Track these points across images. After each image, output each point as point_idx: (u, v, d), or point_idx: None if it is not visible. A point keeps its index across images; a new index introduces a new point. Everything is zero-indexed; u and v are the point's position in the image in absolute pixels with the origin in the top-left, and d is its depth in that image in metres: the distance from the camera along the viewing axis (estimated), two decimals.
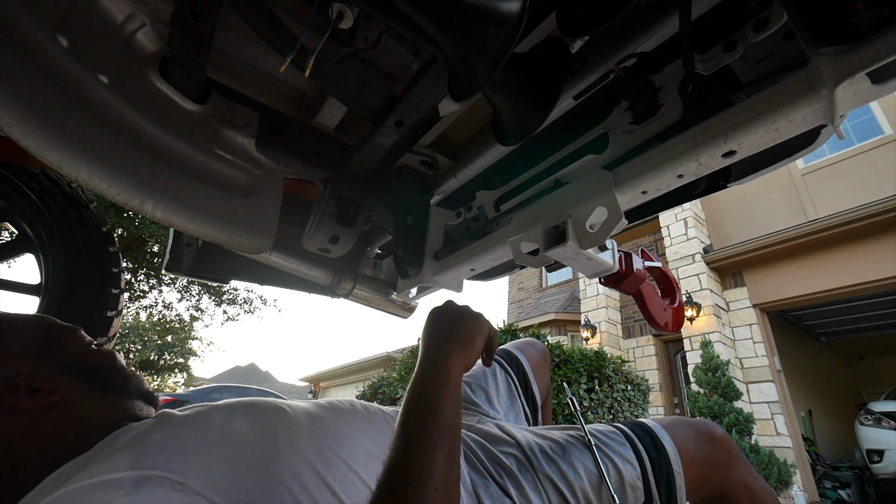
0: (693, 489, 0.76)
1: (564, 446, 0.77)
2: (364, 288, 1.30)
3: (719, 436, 0.80)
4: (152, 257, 8.15)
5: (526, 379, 1.08)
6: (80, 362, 0.59)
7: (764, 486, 0.79)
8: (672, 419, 0.85)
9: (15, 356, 0.55)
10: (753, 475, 0.79)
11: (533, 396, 1.07)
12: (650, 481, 0.73)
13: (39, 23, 0.66)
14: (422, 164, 1.08)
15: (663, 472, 0.74)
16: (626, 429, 0.81)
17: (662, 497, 0.73)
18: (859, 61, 0.45)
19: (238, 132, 0.91)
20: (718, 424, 3.93)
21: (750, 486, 0.77)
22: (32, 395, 0.52)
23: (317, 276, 1.22)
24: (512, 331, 4.17)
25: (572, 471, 0.72)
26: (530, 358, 1.12)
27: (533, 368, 1.10)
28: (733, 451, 0.79)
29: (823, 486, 5.70)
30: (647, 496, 0.72)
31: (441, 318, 0.64)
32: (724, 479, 0.77)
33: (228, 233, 0.87)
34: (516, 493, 0.69)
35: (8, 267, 4.32)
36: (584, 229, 0.73)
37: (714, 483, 0.77)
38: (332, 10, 0.58)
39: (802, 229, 5.76)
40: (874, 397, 7.44)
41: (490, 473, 0.73)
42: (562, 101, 0.80)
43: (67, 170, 0.67)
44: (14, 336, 0.57)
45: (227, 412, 0.57)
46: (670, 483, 0.73)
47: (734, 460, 0.78)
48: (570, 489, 0.70)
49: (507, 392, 1.03)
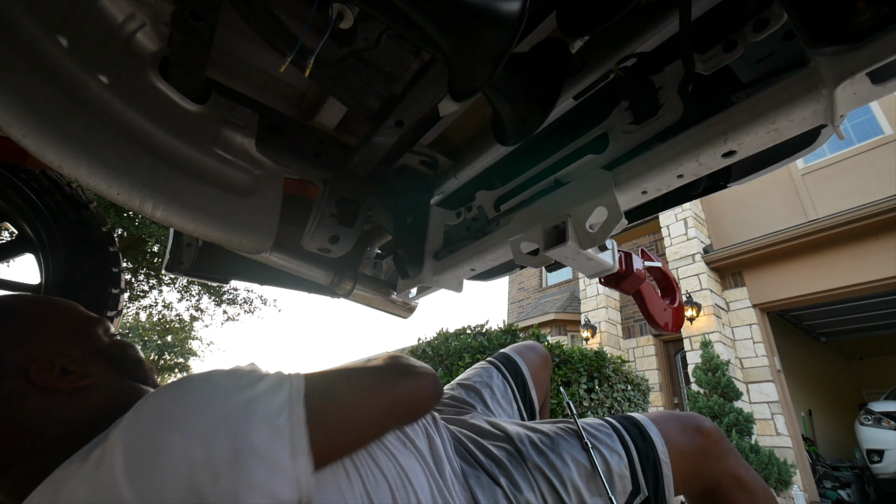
0: (683, 480, 0.77)
1: (554, 438, 0.78)
2: (364, 288, 1.30)
3: (707, 427, 0.81)
4: (152, 257, 8.15)
5: (524, 384, 1.07)
6: (108, 350, 0.62)
7: (754, 476, 0.80)
8: (660, 412, 0.86)
9: (51, 337, 0.57)
10: (744, 466, 0.80)
11: (531, 402, 1.06)
12: (637, 470, 0.74)
13: (39, 23, 0.66)
14: (422, 164, 1.08)
15: (650, 462, 0.75)
16: (613, 421, 0.83)
17: (650, 486, 0.74)
18: (859, 61, 0.45)
19: (238, 132, 0.91)
20: (716, 423, 3.92)
21: (740, 477, 0.78)
22: (66, 376, 0.54)
23: (317, 276, 1.22)
24: (512, 331, 4.17)
25: (561, 461, 0.73)
26: (530, 363, 1.11)
27: (532, 374, 1.09)
28: (721, 442, 0.80)
29: (823, 486, 5.70)
30: (634, 485, 0.74)
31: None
32: (713, 470, 0.79)
33: (228, 233, 0.87)
34: (507, 484, 0.70)
35: (7, 266, 4.33)
36: (584, 229, 0.73)
37: (704, 475, 0.79)
38: (332, 10, 0.58)
39: (802, 229, 5.76)
40: (874, 397, 7.44)
41: (481, 465, 0.74)
42: (562, 101, 0.80)
43: (67, 170, 0.67)
44: (50, 318, 0.59)
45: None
46: (657, 472, 0.75)
47: (723, 451, 0.80)
48: (560, 479, 0.71)
49: (503, 397, 1.02)
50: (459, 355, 3.86)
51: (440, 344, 4.13)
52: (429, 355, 4.11)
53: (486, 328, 4.28)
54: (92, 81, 0.72)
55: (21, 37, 0.64)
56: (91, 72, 0.72)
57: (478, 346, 3.90)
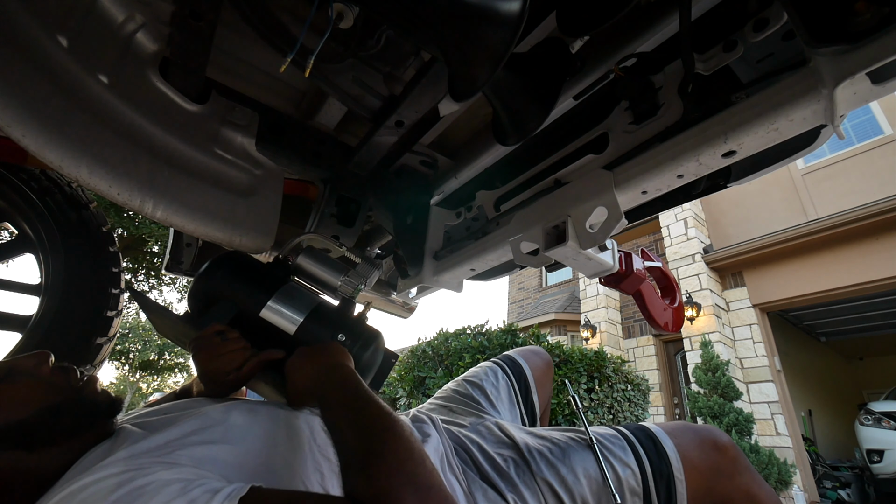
0: (695, 497, 0.74)
1: (564, 448, 0.76)
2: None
3: (724, 443, 0.78)
4: (152, 257, 8.15)
5: (527, 388, 1.06)
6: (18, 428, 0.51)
7: (770, 494, 0.77)
8: (676, 424, 0.83)
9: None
10: (759, 483, 0.77)
11: (532, 406, 1.05)
12: (650, 487, 0.72)
13: (39, 23, 0.66)
14: (422, 164, 1.08)
15: (664, 479, 0.73)
16: (627, 433, 0.80)
17: (662, 503, 0.72)
18: (859, 61, 0.45)
19: (238, 132, 0.91)
20: (721, 429, 3.90)
21: (754, 496, 0.75)
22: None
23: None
24: (512, 331, 4.17)
25: (572, 475, 0.71)
26: (534, 368, 1.10)
27: (536, 379, 1.08)
28: (738, 459, 0.77)
29: (823, 486, 5.70)
30: (646, 502, 0.71)
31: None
32: (727, 487, 0.75)
33: (228, 233, 0.87)
34: (513, 497, 0.68)
35: (6, 266, 4.32)
36: (584, 229, 0.73)
37: (717, 492, 0.75)
38: (332, 10, 0.58)
39: (802, 229, 5.75)
40: (874, 397, 7.43)
41: (486, 475, 0.72)
42: (562, 101, 0.80)
43: (67, 170, 0.67)
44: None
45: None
46: (670, 490, 0.72)
47: (739, 469, 0.76)
48: (570, 495, 0.69)
49: (507, 397, 1.01)
50: (459, 355, 3.86)
51: (440, 344, 4.13)
52: (429, 355, 4.11)
53: (486, 328, 4.28)
54: (92, 81, 0.72)
55: (21, 36, 0.64)
56: (91, 72, 0.72)
57: (478, 346, 3.90)
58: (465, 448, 0.77)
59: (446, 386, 1.05)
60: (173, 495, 0.39)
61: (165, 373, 19.37)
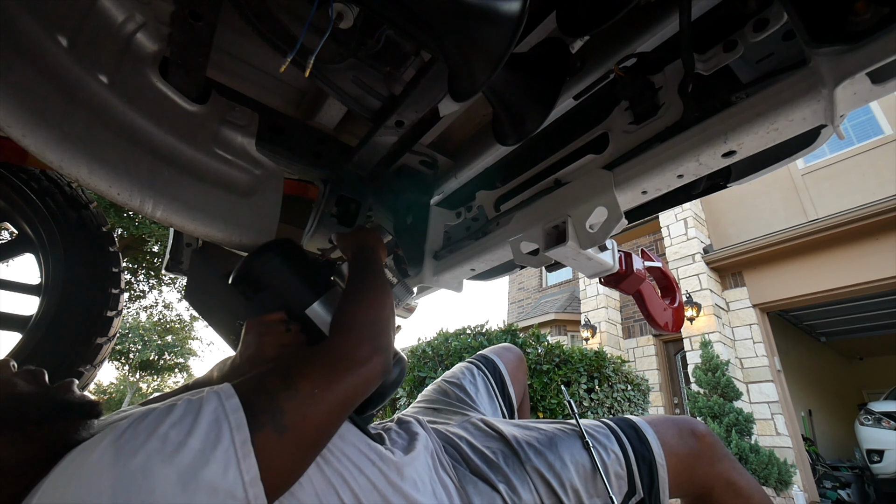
0: (678, 483, 0.78)
1: (552, 437, 0.79)
2: None
3: (702, 431, 0.82)
4: (152, 257, 8.15)
5: (503, 381, 1.11)
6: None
7: (750, 480, 0.81)
8: (657, 416, 0.88)
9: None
10: (738, 471, 0.81)
11: (510, 398, 1.11)
12: (633, 471, 0.76)
13: (39, 22, 0.66)
14: (422, 164, 1.08)
15: (646, 464, 0.77)
16: (610, 423, 0.85)
17: (645, 487, 0.75)
18: (859, 61, 0.45)
19: (238, 132, 0.91)
20: (716, 423, 3.89)
21: (734, 482, 0.79)
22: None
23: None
24: (512, 331, 4.17)
25: (559, 461, 0.74)
26: (507, 362, 1.16)
27: (510, 373, 1.14)
28: (716, 446, 0.81)
29: (823, 486, 5.70)
30: (630, 486, 0.75)
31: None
32: (707, 473, 0.79)
33: (228, 233, 0.87)
34: (504, 488, 0.70)
35: (6, 266, 4.32)
36: (584, 229, 0.73)
37: (699, 478, 0.80)
38: (332, 10, 0.58)
39: (802, 229, 5.75)
40: (874, 397, 7.43)
41: (476, 469, 0.74)
42: (562, 101, 0.80)
43: (67, 170, 0.67)
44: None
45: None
46: (653, 474, 0.76)
47: (717, 455, 0.80)
48: (559, 480, 0.72)
49: (485, 392, 1.06)
50: (459, 355, 3.86)
51: (440, 344, 4.13)
52: (429, 355, 4.10)
53: (486, 328, 4.28)
54: (92, 81, 0.72)
55: (21, 37, 0.64)
56: (91, 71, 0.72)
57: (478, 346, 3.90)
58: (453, 445, 0.79)
59: (427, 389, 1.09)
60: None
61: (165, 373, 19.38)
